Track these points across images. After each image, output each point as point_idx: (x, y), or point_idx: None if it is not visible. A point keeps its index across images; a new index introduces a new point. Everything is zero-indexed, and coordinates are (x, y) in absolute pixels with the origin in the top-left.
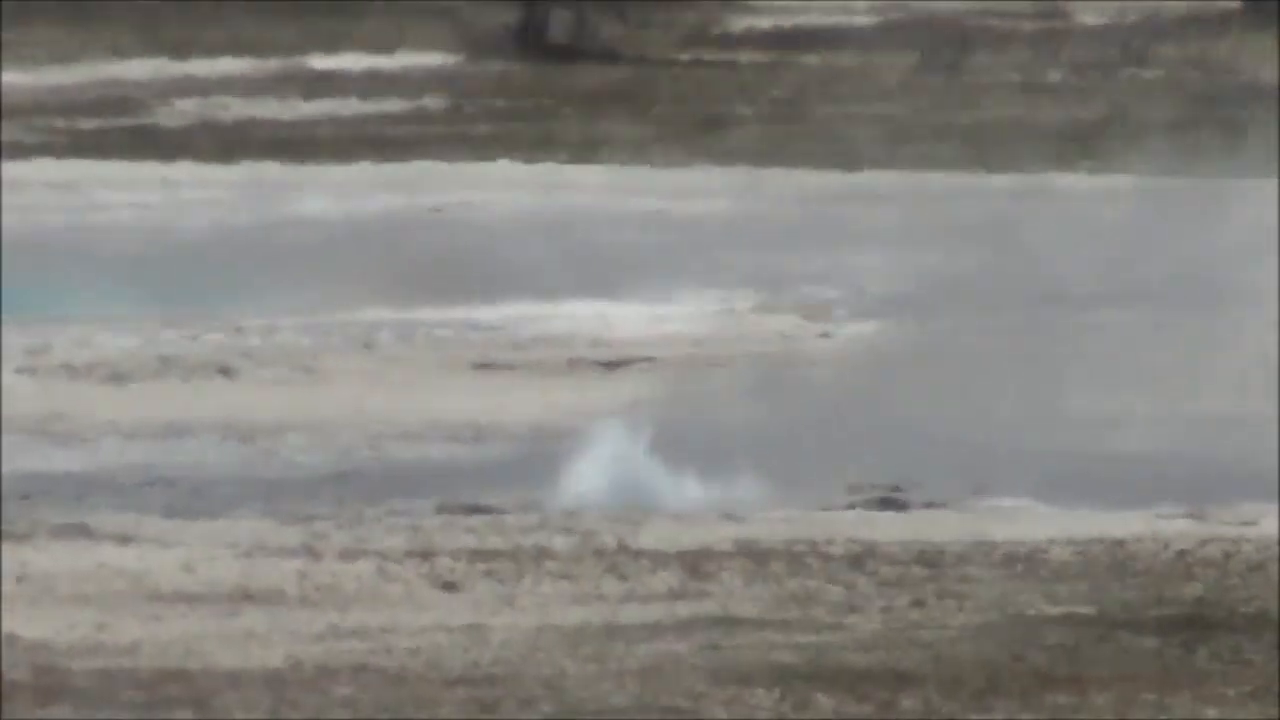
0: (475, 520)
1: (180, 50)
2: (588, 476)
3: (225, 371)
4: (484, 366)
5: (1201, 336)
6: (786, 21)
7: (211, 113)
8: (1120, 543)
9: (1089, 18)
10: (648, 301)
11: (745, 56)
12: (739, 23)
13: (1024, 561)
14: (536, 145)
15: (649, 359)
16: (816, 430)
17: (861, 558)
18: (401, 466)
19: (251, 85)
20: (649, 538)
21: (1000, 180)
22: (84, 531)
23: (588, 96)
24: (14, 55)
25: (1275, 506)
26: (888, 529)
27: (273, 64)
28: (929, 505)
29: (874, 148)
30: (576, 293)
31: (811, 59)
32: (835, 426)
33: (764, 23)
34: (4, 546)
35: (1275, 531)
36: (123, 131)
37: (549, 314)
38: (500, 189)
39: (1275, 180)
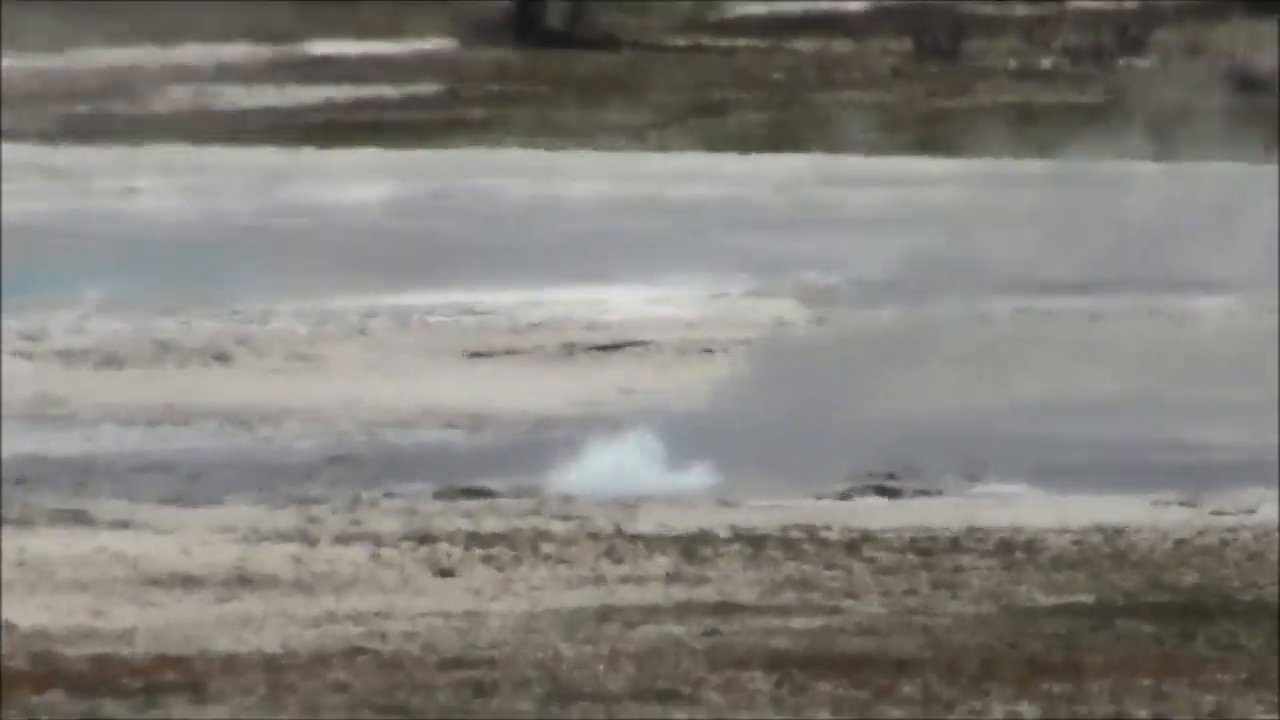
0: (471, 505)
1: (177, 37)
2: (583, 461)
3: (221, 357)
4: (480, 352)
5: (1198, 323)
6: (782, 8)
7: (208, 99)
8: (1117, 530)
9: (1084, 3)
10: (643, 286)
11: (741, 42)
12: (734, 9)
13: (1020, 548)
14: (533, 131)
15: (644, 343)
16: (812, 416)
17: (858, 544)
18: (398, 452)
19: (248, 71)
20: (645, 522)
21: (995, 166)
22: (81, 517)
23: (584, 82)
24: (11, 42)
25: (1274, 493)
26: (884, 516)
27: (269, 50)
28: (924, 492)
29: (869, 133)
30: (572, 278)
31: (806, 45)
32: (831, 412)
33: (759, 9)
34: (2, 532)
35: (1274, 518)
36: (119, 118)
37: (545, 299)
38: (497, 174)
39: (1274, 168)
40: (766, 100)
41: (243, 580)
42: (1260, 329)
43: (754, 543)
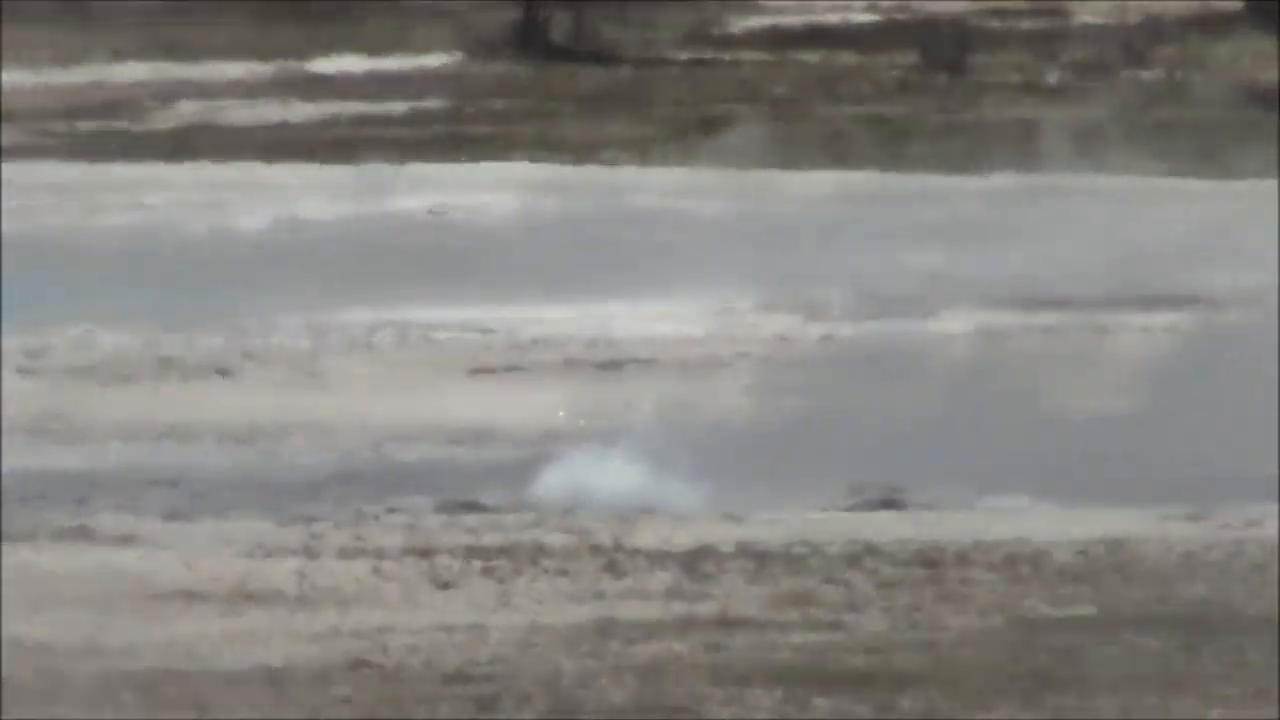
0: (473, 519)
1: (180, 53)
2: (586, 476)
3: (225, 373)
4: (482, 368)
5: (1203, 337)
6: (786, 21)
7: (211, 115)
8: (1123, 543)
9: (1089, 18)
10: (646, 302)
11: (745, 56)
12: (739, 22)
13: (1026, 562)
14: (537, 146)
15: (648, 359)
16: (816, 430)
17: (861, 558)
18: (400, 467)
19: (251, 87)
20: (647, 537)
21: (1000, 181)
22: (84, 533)
23: (588, 97)
24: (15, 57)
25: (1277, 507)
26: (887, 529)
27: (272, 66)
28: (929, 506)
29: (874, 148)
30: (576, 293)
31: (811, 58)
32: (834, 426)
33: (764, 22)
34: (5, 548)
35: (1278, 533)
36: (123, 134)
37: (548, 315)
38: (500, 190)
39: (1275, 181)
40: (771, 114)
41: (246, 595)
42: (1265, 343)
43: (757, 557)
